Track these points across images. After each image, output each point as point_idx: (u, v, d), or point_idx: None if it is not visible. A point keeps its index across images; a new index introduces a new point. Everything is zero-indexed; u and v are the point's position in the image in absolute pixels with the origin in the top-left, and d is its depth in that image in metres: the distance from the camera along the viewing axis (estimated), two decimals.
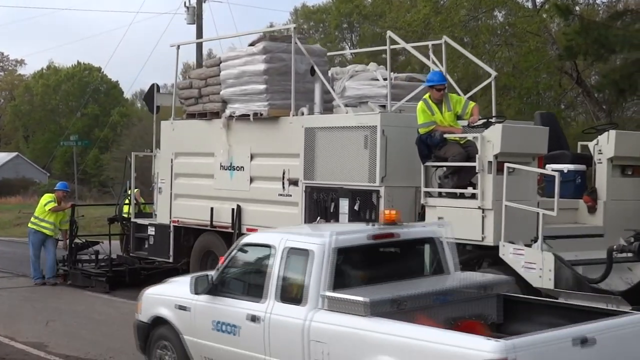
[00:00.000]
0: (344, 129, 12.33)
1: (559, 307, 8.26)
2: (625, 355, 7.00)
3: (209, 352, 8.77)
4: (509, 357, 6.19)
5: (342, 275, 7.91)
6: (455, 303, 7.87)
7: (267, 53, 13.27)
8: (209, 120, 14.42)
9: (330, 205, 12.43)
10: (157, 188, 15.48)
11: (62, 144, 57.62)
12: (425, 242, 8.66)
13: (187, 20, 36.82)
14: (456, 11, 31.11)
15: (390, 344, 6.91)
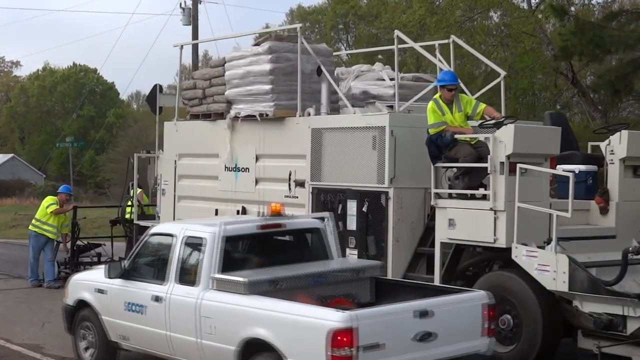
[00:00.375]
0: (352, 130, 12.10)
1: (422, 287, 9.52)
2: (455, 324, 8.40)
3: (122, 330, 10.02)
4: (353, 326, 7.47)
5: (232, 259, 9.15)
6: (330, 284, 9.15)
7: (273, 53, 13.02)
8: (213, 121, 14.16)
9: (337, 206, 12.20)
10: (160, 190, 15.18)
11: (58, 145, 57.35)
12: (311, 232, 9.94)
13: (183, 21, 36.81)
14: (452, 12, 31.15)
15: (265, 317, 8.14)
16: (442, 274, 11.15)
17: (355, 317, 7.58)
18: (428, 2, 31.12)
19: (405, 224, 11.67)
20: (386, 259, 11.61)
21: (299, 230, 9.90)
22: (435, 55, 13.55)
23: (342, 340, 7.44)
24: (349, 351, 7.43)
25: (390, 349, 7.73)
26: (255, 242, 9.70)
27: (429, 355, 8.08)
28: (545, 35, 27.80)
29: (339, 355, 7.45)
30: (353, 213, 12.03)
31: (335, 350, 7.44)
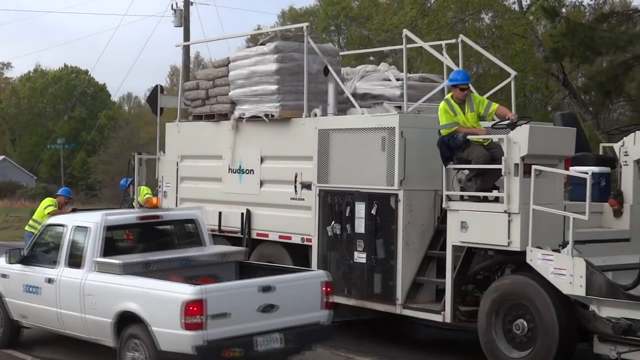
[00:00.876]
0: (361, 131, 11.79)
1: (276, 269, 10.79)
2: (297, 298, 9.68)
3: (22, 309, 11.24)
4: (202, 297, 8.72)
5: (114, 246, 10.67)
6: (199, 266, 10.56)
7: (279, 52, 12.70)
8: (216, 122, 13.82)
9: (345, 209, 11.90)
10: (162, 192, 14.81)
11: (49, 147, 57.00)
12: (187, 222, 11.39)
13: (175, 23, 36.55)
14: (443, 13, 31.13)
15: (135, 293, 9.42)
16: (453, 278, 10.83)
17: (205, 291, 8.86)
18: (419, 4, 31.05)
19: (415, 226, 11.37)
20: (395, 262, 11.32)
21: (174, 221, 11.41)
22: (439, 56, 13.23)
23: (194, 310, 8.70)
24: (200, 319, 8.72)
25: (236, 317, 9.01)
26: (136, 231, 11.15)
27: (272, 323, 9.35)
28: (537, 36, 27.67)
29: (191, 322, 8.74)
30: (361, 216, 11.72)
31: (188, 318, 8.72)
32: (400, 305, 11.32)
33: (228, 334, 9.03)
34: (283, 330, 9.44)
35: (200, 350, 8.81)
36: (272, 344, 9.37)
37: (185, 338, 8.79)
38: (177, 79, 69.13)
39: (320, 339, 10.17)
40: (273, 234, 12.93)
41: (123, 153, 60.91)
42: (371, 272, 11.60)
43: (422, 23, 30.60)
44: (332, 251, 12.09)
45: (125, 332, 9.54)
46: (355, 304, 11.90)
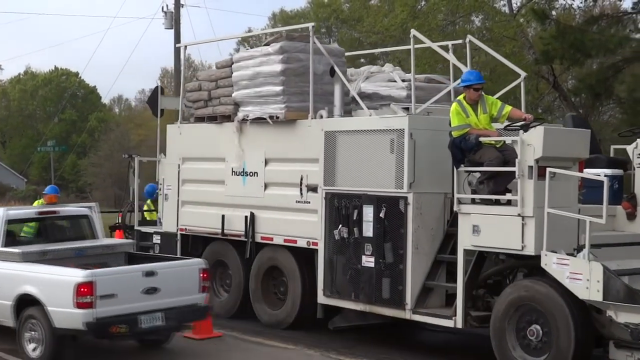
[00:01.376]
0: (368, 133, 11.50)
1: (162, 258, 12.02)
2: (177, 282, 10.73)
3: None
4: (92, 280, 9.84)
5: (15, 237, 11.80)
6: (91, 256, 11.50)
7: (284, 53, 12.40)
8: (219, 124, 13.49)
9: (353, 212, 11.59)
10: (163, 195, 14.46)
11: (40, 149, 56.48)
12: (81, 217, 12.33)
13: (165, 25, 36.37)
14: (433, 16, 31.09)
15: (32, 278, 10.46)
16: (465, 282, 10.53)
17: (94, 274, 9.99)
18: (410, 6, 30.95)
19: (425, 230, 11.08)
20: (405, 266, 11.03)
21: (70, 217, 12.34)
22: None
23: (84, 291, 9.79)
24: (90, 299, 9.81)
25: (122, 298, 10.12)
26: (37, 224, 12.25)
27: (155, 304, 10.43)
28: (527, 39, 27.59)
29: (82, 302, 9.80)
30: (369, 219, 11.42)
31: (80, 298, 9.79)
32: (409, 311, 11.02)
33: (115, 313, 10.12)
34: (164, 310, 10.52)
35: (90, 326, 9.91)
36: (155, 321, 10.47)
37: (77, 316, 9.87)
38: (168, 81, 68.80)
39: (197, 318, 11.36)
40: (278, 237, 12.62)
41: (114, 155, 60.48)
42: (380, 276, 11.30)
43: (412, 25, 30.25)
44: (338, 255, 11.79)
45: (24, 314, 10.54)
46: (362, 309, 11.60)
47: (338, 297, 11.88)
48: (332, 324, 12.37)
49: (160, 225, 14.80)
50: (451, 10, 31.46)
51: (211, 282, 13.78)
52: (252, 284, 13.15)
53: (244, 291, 13.29)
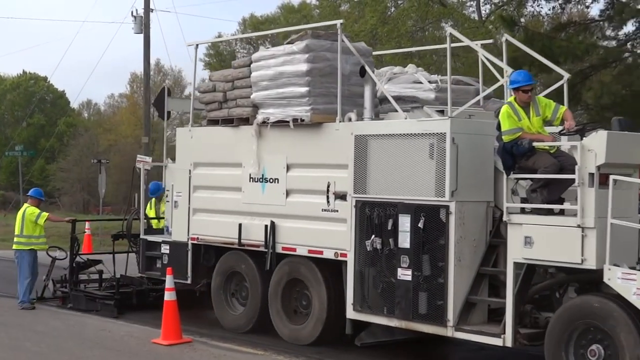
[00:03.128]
0: (404, 137, 10.52)
1: None
2: None
3: None
4: None
5: None
6: None
7: (310, 52, 11.38)
8: (235, 127, 12.43)
9: (387, 222, 10.59)
10: (172, 201, 13.34)
11: (7, 154, 54.86)
12: None
13: (135, 30, 35.77)
14: (403, 22, 30.80)
15: None
16: (514, 297, 9.57)
17: None
18: (379, 12, 30.57)
19: (467, 241, 10.12)
20: (446, 280, 10.06)
21: None
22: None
23: None
24: None
25: None
26: None
27: None
28: (496, 45, 27.04)
29: None
30: (406, 229, 10.43)
31: None
32: (452, 328, 10.04)
33: None
34: None
35: None
36: None
37: None
38: (137, 86, 67.36)
39: None
40: (301, 248, 11.58)
41: (82, 160, 59.16)
42: (418, 290, 10.32)
43: (382, 31, 30.14)
44: (370, 267, 10.80)
45: None
46: (397, 325, 10.60)
47: (369, 312, 10.88)
48: (360, 340, 11.38)
49: (168, 234, 13.68)
50: (421, 17, 31.16)
51: (225, 295, 12.76)
52: (272, 297, 12.09)
53: (262, 305, 12.22)
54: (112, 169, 52.46)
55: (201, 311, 13.64)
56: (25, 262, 14.46)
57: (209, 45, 61.22)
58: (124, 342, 11.70)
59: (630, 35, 21.27)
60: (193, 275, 13.05)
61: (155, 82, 64.61)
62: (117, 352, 11.16)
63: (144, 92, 42.72)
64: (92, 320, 13.29)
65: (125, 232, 14.71)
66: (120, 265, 14.72)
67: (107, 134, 64.97)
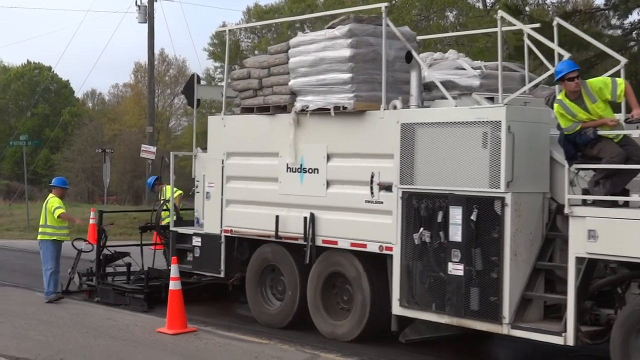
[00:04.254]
0: (455, 125, 9.89)
1: None
2: None
3: None
4: None
5: None
6: None
7: (353, 37, 10.74)
8: (272, 115, 11.78)
9: (436, 214, 9.95)
10: (204, 193, 12.69)
11: (12, 144, 54.00)
12: None
13: (139, 19, 35.67)
14: (408, 11, 30.40)
15: None
16: (576, 294, 8.95)
17: None
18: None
19: (524, 235, 9.50)
20: (501, 275, 9.43)
21: None
22: None
23: None
24: None
25: None
26: None
27: None
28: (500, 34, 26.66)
29: None
30: (457, 222, 9.80)
31: None
32: (507, 325, 9.43)
33: None
34: None
35: None
36: None
37: None
38: (141, 76, 66.56)
39: None
40: (343, 241, 10.95)
41: (87, 150, 58.45)
42: (470, 286, 9.69)
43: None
44: (418, 261, 10.18)
45: None
46: (448, 322, 9.98)
47: (417, 308, 10.25)
48: (404, 336, 10.77)
49: (199, 225, 13.04)
50: (425, 6, 30.68)
51: (260, 289, 12.14)
52: (311, 292, 11.47)
53: (301, 300, 11.60)
54: (116, 159, 51.91)
55: (208, 301, 13.42)
56: (49, 253, 13.83)
57: (214, 35, 60.71)
58: (129, 331, 11.53)
59: (635, 24, 20.98)
60: (226, 269, 12.41)
61: (159, 72, 63.94)
62: (123, 341, 10.95)
63: (148, 81, 42.14)
64: (96, 310, 13.11)
65: (154, 223, 14.05)
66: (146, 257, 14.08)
67: (112, 123, 64.33)
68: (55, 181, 14.68)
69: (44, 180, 63.13)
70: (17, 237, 27.85)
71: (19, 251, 22.95)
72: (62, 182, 14.61)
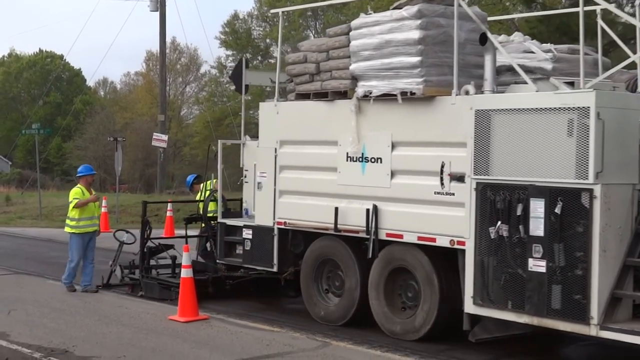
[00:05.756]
0: (536, 112, 9.08)
1: None
2: None
3: None
4: None
5: None
6: None
7: (423, 17, 9.91)
8: (330, 101, 10.97)
9: (515, 207, 9.14)
10: (255, 183, 11.89)
11: (24, 132, 53.41)
12: None
13: (151, 8, 35.17)
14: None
15: None
16: None
17: None
18: None
19: (613, 229, 8.71)
20: (589, 272, 8.62)
21: None
22: None
23: None
24: None
25: None
26: None
27: None
28: (513, 22, 26.16)
29: None
30: (539, 215, 8.99)
31: None
32: (596, 326, 8.63)
33: None
34: None
35: None
36: None
37: None
38: (153, 64, 65.70)
39: None
40: (409, 234, 10.15)
41: (99, 138, 57.72)
42: (553, 283, 8.89)
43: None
44: (494, 257, 9.36)
45: None
46: (528, 322, 9.17)
47: (492, 306, 9.44)
48: (474, 335, 9.97)
49: (248, 217, 12.24)
50: None
51: (316, 285, 11.35)
52: (373, 287, 10.68)
53: (361, 296, 10.81)
54: (128, 147, 51.16)
55: (255, 296, 12.96)
56: (73, 245, 13.19)
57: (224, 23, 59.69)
58: (141, 319, 11.37)
59: None
60: (279, 263, 11.62)
61: (171, 60, 63.11)
62: (135, 328, 10.82)
63: (159, 70, 41.39)
64: (108, 297, 12.94)
65: (200, 214, 13.23)
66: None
67: (123, 112, 63.67)
68: (80, 170, 13.93)
69: (56, 168, 62.63)
70: (29, 225, 27.81)
71: (31, 239, 22.89)
72: (84, 169, 13.84)
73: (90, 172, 13.80)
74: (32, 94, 69.15)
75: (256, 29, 59.91)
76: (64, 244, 14.58)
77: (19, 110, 69.63)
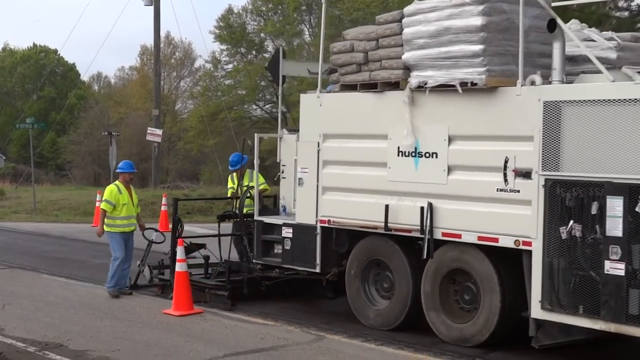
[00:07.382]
0: (613, 103, 8.29)
1: None
2: None
3: None
4: None
5: None
6: None
7: (485, 3, 9.10)
8: (379, 93, 10.14)
9: (589, 205, 8.36)
10: (296, 179, 11.06)
11: (18, 126, 52.41)
12: None
13: (145, 2, 34.62)
14: None
15: None
16: None
17: None
18: None
19: None
20: None
21: None
22: None
23: None
24: None
25: None
26: None
27: None
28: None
29: None
30: (617, 214, 8.22)
31: None
32: None
33: None
34: None
35: None
36: None
37: None
38: (147, 59, 64.60)
39: None
40: (469, 234, 9.35)
41: (93, 133, 56.68)
42: (632, 287, 8.12)
43: (393, 1, 28.19)
44: (565, 258, 8.58)
45: None
46: (603, 328, 8.40)
47: (562, 311, 8.66)
48: (537, 342, 9.18)
49: (285, 214, 11.41)
50: None
51: (363, 286, 10.54)
52: (426, 290, 9.88)
53: (413, 299, 10.01)
54: (122, 142, 50.17)
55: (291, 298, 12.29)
56: (113, 243, 12.29)
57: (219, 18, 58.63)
58: (135, 313, 11.29)
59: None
60: (322, 263, 10.79)
61: (165, 55, 62.05)
62: (129, 322, 10.73)
63: (154, 64, 40.50)
64: (102, 291, 12.61)
65: (235, 211, 12.37)
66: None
67: (118, 106, 62.64)
68: (119, 166, 12.98)
69: (50, 163, 61.58)
70: (24, 219, 27.38)
71: (25, 233, 22.51)
72: (124, 166, 12.86)
73: (130, 170, 12.74)
74: (26, 89, 67.91)
75: (251, 23, 58.85)
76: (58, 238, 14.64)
77: (13, 104, 68.36)
